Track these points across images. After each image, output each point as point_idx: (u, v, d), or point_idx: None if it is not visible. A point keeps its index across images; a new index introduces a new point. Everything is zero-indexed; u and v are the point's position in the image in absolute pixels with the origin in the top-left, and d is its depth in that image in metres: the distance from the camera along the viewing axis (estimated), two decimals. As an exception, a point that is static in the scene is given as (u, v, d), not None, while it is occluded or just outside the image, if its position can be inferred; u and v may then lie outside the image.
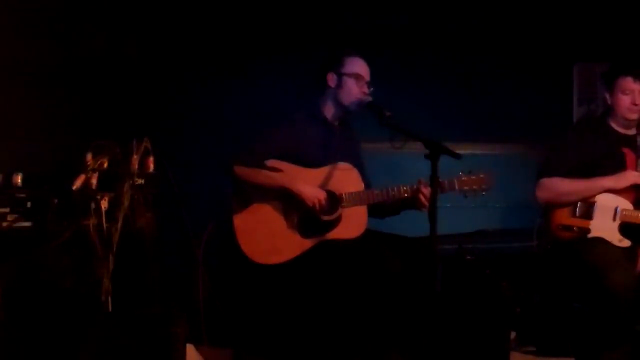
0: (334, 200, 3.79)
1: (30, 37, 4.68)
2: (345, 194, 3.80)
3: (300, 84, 4.27)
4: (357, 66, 3.93)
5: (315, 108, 3.98)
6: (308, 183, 3.78)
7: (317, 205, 3.74)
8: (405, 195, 3.80)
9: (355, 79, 3.90)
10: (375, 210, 3.90)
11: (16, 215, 3.81)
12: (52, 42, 4.78)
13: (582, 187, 3.95)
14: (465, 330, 3.95)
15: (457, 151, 3.29)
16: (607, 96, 4.04)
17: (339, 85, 3.93)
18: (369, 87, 3.91)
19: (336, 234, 3.79)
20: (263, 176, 3.77)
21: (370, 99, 3.87)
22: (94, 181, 3.79)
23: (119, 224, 3.69)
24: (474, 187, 3.84)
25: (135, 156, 3.84)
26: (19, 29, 4.63)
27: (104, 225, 3.72)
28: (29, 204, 3.83)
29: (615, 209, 3.94)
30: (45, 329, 3.54)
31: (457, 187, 3.83)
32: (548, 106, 5.61)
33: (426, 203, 3.74)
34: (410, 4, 5.43)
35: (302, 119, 3.95)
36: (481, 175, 3.85)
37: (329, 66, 3.95)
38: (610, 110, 4.08)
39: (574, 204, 3.96)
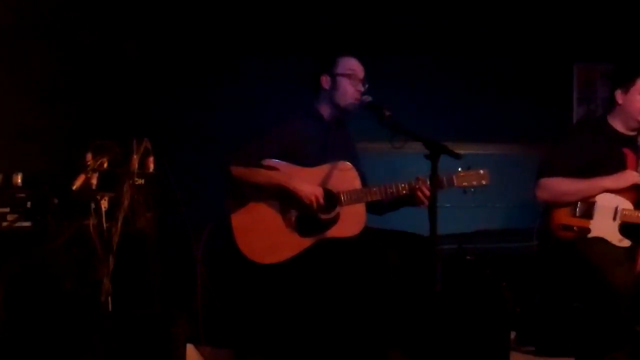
0: (332, 199, 3.79)
1: (30, 37, 4.68)
2: (343, 193, 3.80)
3: (299, 84, 4.27)
4: (350, 65, 3.94)
5: (312, 107, 3.98)
6: (306, 182, 3.77)
7: (315, 203, 3.74)
8: (404, 192, 3.80)
9: (348, 78, 3.91)
10: (374, 207, 3.90)
11: (16, 215, 3.80)
12: (52, 42, 4.77)
13: (583, 187, 3.95)
14: (465, 330, 3.95)
15: (457, 151, 3.29)
16: (619, 94, 4.02)
17: (334, 86, 3.93)
18: (363, 85, 3.91)
19: (335, 232, 3.79)
20: (260, 175, 3.77)
21: (370, 98, 3.87)
22: (94, 181, 3.79)
23: (119, 224, 3.69)
24: (474, 182, 3.85)
25: (135, 156, 3.84)
26: (19, 29, 4.63)
27: (104, 225, 3.72)
28: (29, 204, 3.83)
29: (616, 209, 3.94)
30: (45, 329, 3.53)
31: (456, 183, 3.83)
32: (548, 106, 5.61)
33: (424, 200, 3.74)
34: (410, 4, 5.43)
35: (299, 118, 3.95)
36: (480, 171, 3.85)
37: (322, 68, 3.96)
38: (614, 110, 4.06)
39: (574, 204, 3.96)
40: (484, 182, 3.86)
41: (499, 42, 5.53)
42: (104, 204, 3.76)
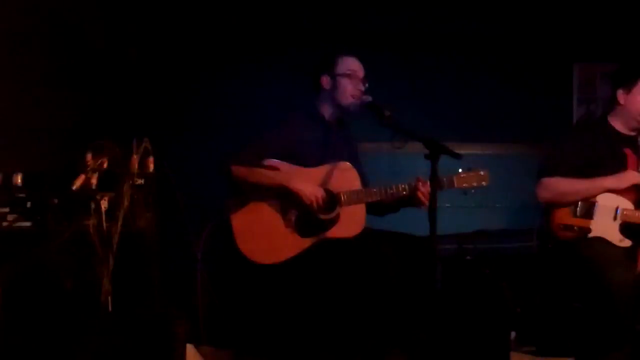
0: (332, 199, 3.79)
1: (30, 37, 4.68)
2: (343, 193, 3.80)
3: (299, 84, 4.27)
4: (350, 64, 3.93)
5: (313, 108, 3.98)
6: (306, 182, 3.77)
7: (315, 204, 3.74)
8: (404, 193, 3.80)
9: (348, 78, 3.90)
10: (374, 209, 3.90)
11: (16, 215, 3.81)
12: (52, 42, 4.77)
13: (583, 187, 3.95)
14: (465, 330, 3.95)
15: (457, 151, 3.29)
16: (621, 94, 4.01)
17: (334, 86, 3.92)
18: (364, 84, 3.91)
19: (335, 232, 3.78)
20: (261, 175, 3.77)
21: (370, 99, 3.86)
22: (94, 181, 3.80)
23: (119, 224, 3.70)
24: (474, 183, 3.84)
25: (135, 156, 3.84)
26: (19, 29, 4.63)
27: (104, 225, 3.72)
28: (29, 204, 3.83)
29: (616, 209, 3.94)
30: (45, 329, 3.53)
31: (456, 184, 3.83)
32: (548, 106, 5.61)
33: (425, 201, 3.73)
34: (411, 4, 5.43)
35: (300, 119, 3.95)
36: (481, 173, 3.85)
37: (322, 69, 3.95)
38: (615, 110, 4.06)
39: (575, 204, 3.96)
40: (484, 184, 3.86)
41: (499, 42, 5.53)
42: (104, 204, 3.76)
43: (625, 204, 3.96)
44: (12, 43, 4.61)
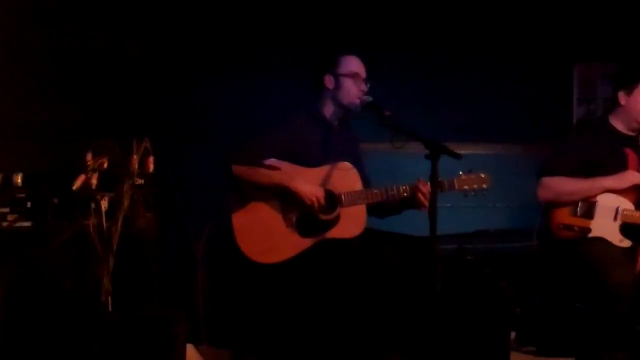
0: (333, 200, 3.79)
1: (30, 36, 4.68)
2: (344, 194, 3.80)
3: (300, 84, 4.27)
4: (353, 65, 3.93)
5: (314, 108, 3.98)
6: (307, 182, 3.77)
7: (316, 204, 3.74)
8: (405, 194, 3.80)
9: (352, 78, 3.91)
10: (375, 210, 3.90)
11: (16, 215, 3.81)
12: (52, 41, 4.77)
13: (584, 187, 3.95)
14: (465, 330, 3.95)
15: (457, 151, 3.29)
16: (622, 95, 4.01)
17: (337, 86, 3.93)
18: (366, 84, 3.91)
19: (335, 233, 3.78)
20: (261, 175, 3.77)
21: (370, 99, 3.87)
22: (94, 181, 3.80)
23: (119, 224, 3.69)
24: (474, 186, 3.85)
25: (135, 156, 3.84)
26: (19, 28, 4.63)
27: (104, 225, 3.72)
28: (29, 204, 3.84)
29: (616, 209, 3.94)
30: (45, 329, 3.53)
31: (456, 186, 3.83)
32: (548, 106, 5.61)
33: (426, 202, 3.73)
34: (411, 4, 5.43)
35: (302, 118, 3.95)
36: (481, 175, 3.85)
37: (325, 68, 3.95)
38: (616, 111, 4.06)
39: (575, 204, 3.96)
40: (484, 186, 3.85)
41: (500, 41, 5.53)
42: (104, 204, 3.76)
43: (626, 204, 3.96)
44: (11, 43, 4.61)
